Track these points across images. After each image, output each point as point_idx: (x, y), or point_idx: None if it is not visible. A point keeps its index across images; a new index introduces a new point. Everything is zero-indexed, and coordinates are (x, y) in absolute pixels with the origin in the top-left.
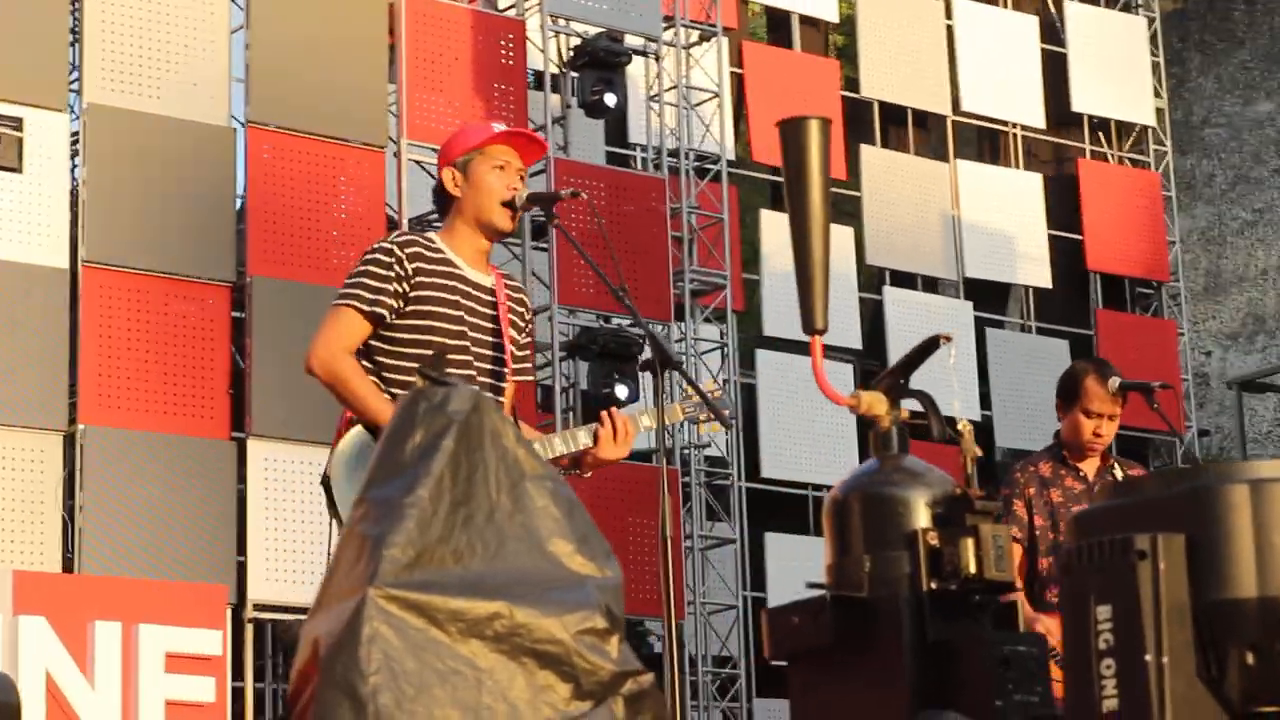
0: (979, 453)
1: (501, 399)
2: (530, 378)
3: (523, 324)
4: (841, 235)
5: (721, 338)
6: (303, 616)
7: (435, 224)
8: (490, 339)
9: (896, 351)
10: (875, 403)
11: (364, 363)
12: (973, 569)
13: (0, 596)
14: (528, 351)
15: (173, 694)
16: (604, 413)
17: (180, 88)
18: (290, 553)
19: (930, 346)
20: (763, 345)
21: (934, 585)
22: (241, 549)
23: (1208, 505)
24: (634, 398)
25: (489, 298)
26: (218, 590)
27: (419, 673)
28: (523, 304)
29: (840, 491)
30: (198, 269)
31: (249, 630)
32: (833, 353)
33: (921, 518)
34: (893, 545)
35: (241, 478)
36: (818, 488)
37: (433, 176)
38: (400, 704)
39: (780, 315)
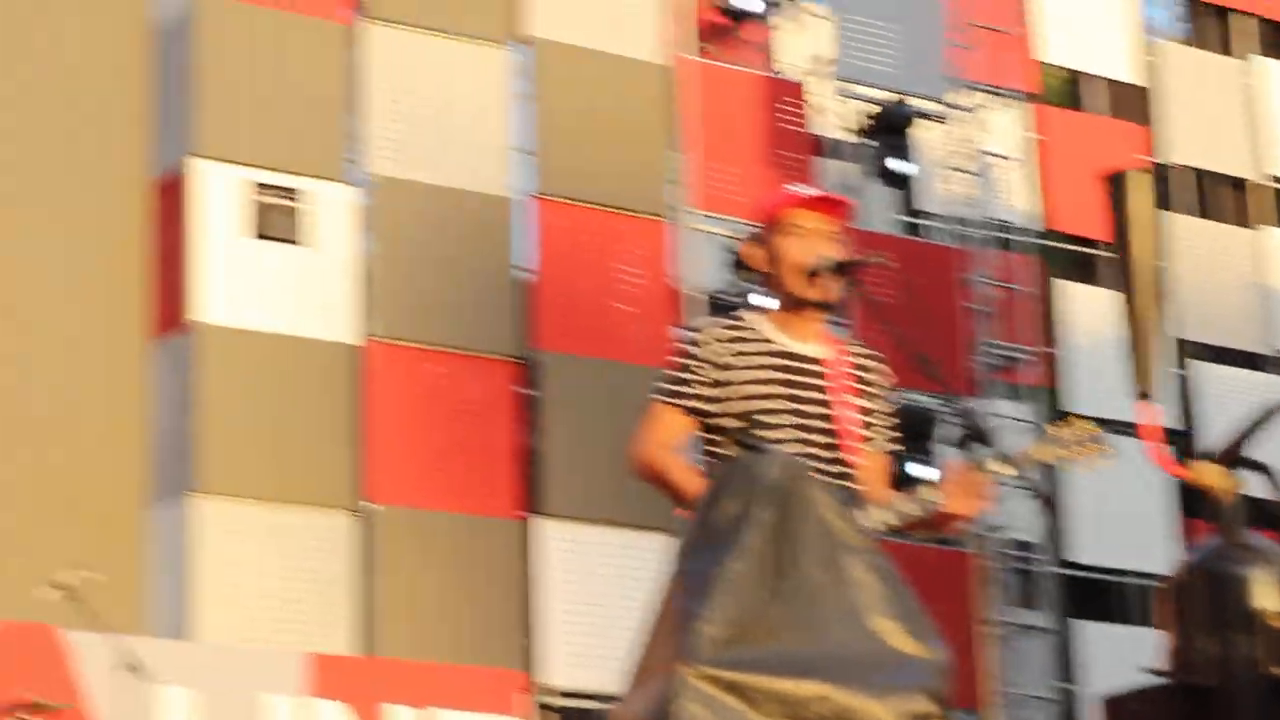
0: None
1: (847, 471)
2: (882, 448)
3: (874, 391)
4: None
5: (1020, 413)
6: (605, 705)
7: (724, 297)
8: (826, 411)
9: (1208, 430)
10: (1212, 474)
11: (705, 454)
12: None
13: (291, 678)
14: (881, 422)
15: None
16: (949, 463)
17: (462, 158)
18: (590, 636)
19: (1269, 416)
20: None
21: (1277, 670)
22: (528, 631)
23: None
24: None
25: (818, 368)
26: (509, 675)
27: None
28: (871, 371)
29: (1182, 572)
30: (481, 343)
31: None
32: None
33: (1268, 597)
34: (1237, 628)
35: (528, 557)
36: (1126, 573)
37: (731, 251)
38: None
39: (1082, 390)
